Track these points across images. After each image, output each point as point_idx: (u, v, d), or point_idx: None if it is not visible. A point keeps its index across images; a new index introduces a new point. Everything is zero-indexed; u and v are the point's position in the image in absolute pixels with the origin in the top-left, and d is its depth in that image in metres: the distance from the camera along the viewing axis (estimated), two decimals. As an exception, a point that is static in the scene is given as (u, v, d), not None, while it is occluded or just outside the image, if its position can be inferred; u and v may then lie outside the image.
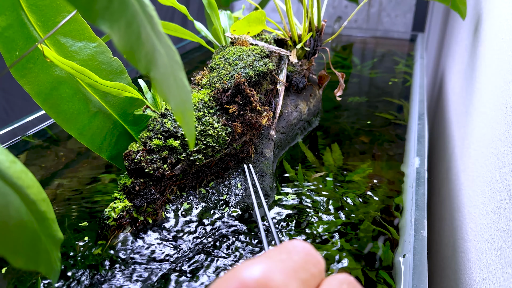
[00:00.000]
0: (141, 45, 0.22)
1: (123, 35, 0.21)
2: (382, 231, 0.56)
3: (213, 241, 0.53)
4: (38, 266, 0.25)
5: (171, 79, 0.26)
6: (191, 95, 0.29)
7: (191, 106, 0.29)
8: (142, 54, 0.23)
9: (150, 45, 0.23)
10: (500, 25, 0.64)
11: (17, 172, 0.24)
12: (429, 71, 1.72)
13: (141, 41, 0.23)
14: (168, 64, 0.25)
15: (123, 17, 0.21)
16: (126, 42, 0.21)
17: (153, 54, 0.24)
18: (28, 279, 0.48)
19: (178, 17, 1.69)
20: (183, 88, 0.27)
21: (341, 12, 1.79)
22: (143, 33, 0.23)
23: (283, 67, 0.75)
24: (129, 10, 0.22)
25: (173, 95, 0.26)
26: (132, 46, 0.22)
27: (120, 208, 0.53)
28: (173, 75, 0.26)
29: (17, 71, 0.51)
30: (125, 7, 0.22)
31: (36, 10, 0.51)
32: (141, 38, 0.23)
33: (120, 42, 0.21)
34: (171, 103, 0.26)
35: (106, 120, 0.59)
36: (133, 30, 0.22)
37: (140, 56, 0.22)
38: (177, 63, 0.27)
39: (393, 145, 0.80)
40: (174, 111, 0.26)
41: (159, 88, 0.24)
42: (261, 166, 0.63)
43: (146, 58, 0.23)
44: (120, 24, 0.21)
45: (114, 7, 0.21)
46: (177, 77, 0.27)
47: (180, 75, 0.27)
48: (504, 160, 0.50)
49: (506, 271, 0.43)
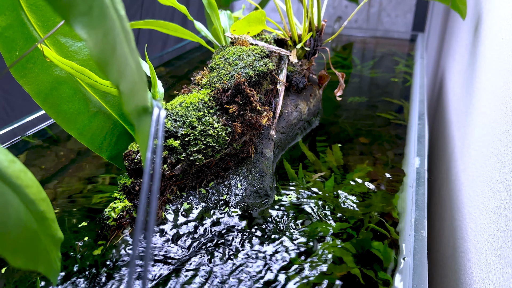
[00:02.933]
0: (115, 56, 0.23)
1: (99, 43, 0.21)
2: (382, 231, 0.56)
3: (213, 241, 0.53)
4: (37, 265, 0.25)
5: (139, 95, 0.26)
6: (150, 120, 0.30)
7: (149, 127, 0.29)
8: (115, 65, 0.23)
9: (123, 58, 0.24)
10: (500, 25, 0.64)
11: (16, 171, 0.24)
12: (429, 71, 1.72)
13: (116, 53, 0.23)
14: (138, 80, 0.26)
15: (102, 26, 0.22)
16: (102, 51, 0.22)
17: (125, 68, 0.24)
18: (28, 279, 0.48)
19: (178, 17, 1.69)
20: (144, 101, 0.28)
21: (341, 12, 1.79)
22: (118, 45, 0.23)
23: (283, 67, 0.75)
24: (108, 20, 0.22)
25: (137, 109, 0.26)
26: (106, 55, 0.22)
27: (120, 208, 0.53)
28: (141, 92, 0.27)
29: (17, 71, 0.51)
30: (104, 17, 0.22)
31: (36, 10, 0.51)
32: (116, 50, 0.23)
33: (96, 50, 0.21)
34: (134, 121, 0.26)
35: (106, 120, 0.59)
36: (109, 40, 0.22)
37: (113, 67, 0.23)
38: (145, 83, 0.28)
39: (393, 145, 0.80)
40: (135, 127, 0.27)
41: (125, 102, 0.25)
42: (261, 166, 0.63)
43: (118, 71, 0.23)
44: (97, 32, 0.21)
45: (94, 15, 0.21)
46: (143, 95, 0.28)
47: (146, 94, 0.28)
48: (504, 160, 0.49)
49: (506, 271, 0.43)
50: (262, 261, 0.51)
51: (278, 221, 0.57)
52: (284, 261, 0.51)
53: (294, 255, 0.52)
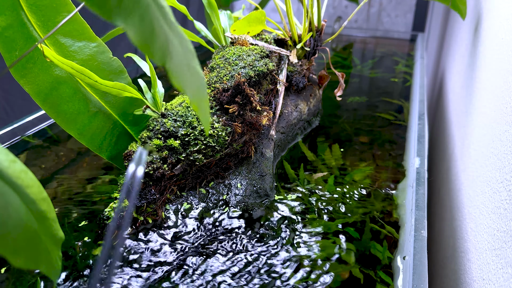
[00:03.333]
0: (155, 37, 0.23)
1: (137, 29, 0.21)
2: (381, 231, 0.56)
3: (213, 241, 0.53)
4: (38, 265, 0.25)
5: (185, 68, 0.26)
6: (205, 82, 0.30)
7: (206, 93, 0.29)
8: (157, 46, 0.23)
9: (163, 36, 0.23)
10: (500, 25, 0.64)
11: (17, 171, 0.24)
12: (429, 71, 1.72)
13: (155, 34, 0.23)
14: (182, 54, 0.26)
15: (136, 11, 0.22)
16: (141, 36, 0.22)
17: (167, 45, 0.24)
18: (28, 279, 0.48)
19: (178, 17, 1.68)
20: (197, 76, 0.28)
21: (341, 12, 1.79)
22: (156, 25, 0.23)
23: (283, 67, 0.75)
24: (141, 3, 0.22)
25: (189, 84, 0.26)
26: (146, 39, 0.22)
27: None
28: (187, 65, 0.26)
29: (17, 71, 0.51)
30: (137, 1, 0.22)
31: (36, 10, 0.51)
32: (155, 31, 0.23)
33: (136, 37, 0.21)
34: (188, 92, 0.26)
35: (106, 120, 0.59)
36: (146, 23, 0.22)
37: (155, 49, 0.23)
38: (190, 52, 0.27)
39: (393, 145, 0.80)
40: (190, 100, 0.27)
41: (175, 79, 0.24)
42: (261, 166, 0.63)
43: (161, 50, 0.23)
44: (133, 18, 0.21)
45: (126, 2, 0.21)
46: (191, 66, 0.27)
47: (193, 63, 0.27)
48: (504, 160, 0.49)
49: (506, 271, 0.43)
50: (262, 261, 0.51)
51: (278, 221, 0.57)
52: (284, 261, 0.51)
53: (294, 255, 0.52)
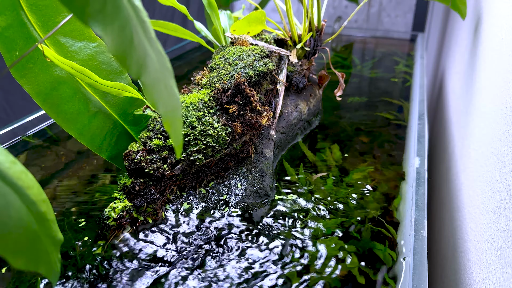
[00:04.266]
0: (133, 49, 0.22)
1: (116, 38, 0.21)
2: (381, 231, 0.56)
3: (213, 241, 0.53)
4: (38, 266, 0.25)
5: (161, 85, 0.26)
6: (180, 103, 0.30)
7: (180, 114, 0.29)
8: (134, 58, 0.23)
9: (142, 50, 0.23)
10: (500, 25, 0.64)
11: (17, 172, 0.24)
12: (429, 71, 1.72)
13: (134, 46, 0.22)
14: (159, 70, 0.25)
15: (117, 20, 0.21)
16: (119, 46, 0.21)
17: (145, 59, 0.24)
18: (28, 279, 0.48)
19: (178, 17, 1.69)
20: (173, 95, 0.27)
21: (341, 12, 1.79)
22: (136, 38, 0.23)
23: (283, 67, 0.75)
24: (122, 14, 0.22)
25: (163, 101, 0.26)
26: (124, 50, 0.22)
27: (120, 208, 0.53)
28: (163, 82, 0.26)
29: (17, 71, 0.51)
30: (118, 10, 0.22)
31: (36, 10, 0.51)
32: (134, 43, 0.23)
33: (113, 45, 0.21)
34: (160, 109, 0.26)
35: (106, 120, 0.59)
36: (126, 34, 0.22)
37: (132, 61, 0.22)
38: (168, 70, 0.27)
39: (393, 145, 0.80)
40: (163, 117, 0.26)
41: (149, 94, 0.24)
42: (261, 166, 0.63)
43: (138, 63, 0.23)
44: (113, 27, 0.21)
45: (108, 10, 0.21)
46: (168, 84, 0.27)
47: (170, 82, 0.27)
48: (504, 160, 0.50)
49: (506, 271, 0.43)
50: (262, 261, 0.51)
51: (278, 221, 0.57)
52: (284, 260, 0.51)
53: (294, 255, 0.52)
